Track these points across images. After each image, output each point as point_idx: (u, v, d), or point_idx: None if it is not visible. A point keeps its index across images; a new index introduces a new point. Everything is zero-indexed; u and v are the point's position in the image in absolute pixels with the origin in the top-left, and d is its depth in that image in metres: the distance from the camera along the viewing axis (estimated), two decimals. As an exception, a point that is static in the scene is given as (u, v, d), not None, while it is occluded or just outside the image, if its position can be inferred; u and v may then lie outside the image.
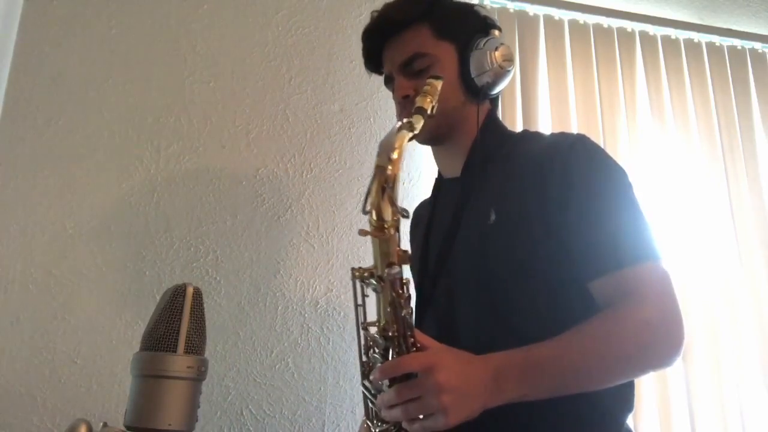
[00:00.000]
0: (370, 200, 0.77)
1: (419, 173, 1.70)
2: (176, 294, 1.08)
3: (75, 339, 1.41)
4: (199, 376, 1.07)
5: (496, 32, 1.07)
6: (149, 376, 1.03)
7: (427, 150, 1.68)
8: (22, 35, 1.56)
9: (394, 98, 1.10)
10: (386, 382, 0.84)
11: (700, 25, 2.06)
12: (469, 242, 0.99)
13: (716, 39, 2.07)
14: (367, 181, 1.68)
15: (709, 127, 1.95)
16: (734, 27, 2.10)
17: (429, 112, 0.85)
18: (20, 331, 1.39)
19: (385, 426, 0.90)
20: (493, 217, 0.96)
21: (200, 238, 1.53)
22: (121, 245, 1.49)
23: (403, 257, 0.82)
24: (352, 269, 0.89)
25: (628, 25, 2.00)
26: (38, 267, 1.43)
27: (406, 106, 1.03)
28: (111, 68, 1.59)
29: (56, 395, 1.37)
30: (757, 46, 2.11)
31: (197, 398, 1.08)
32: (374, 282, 0.85)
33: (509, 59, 1.04)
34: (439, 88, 0.88)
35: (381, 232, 0.78)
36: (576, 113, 1.84)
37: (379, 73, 1.15)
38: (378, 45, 1.11)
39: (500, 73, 1.03)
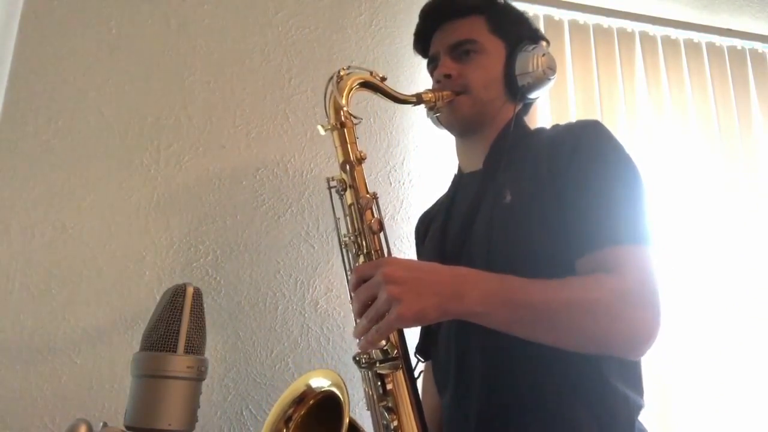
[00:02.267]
0: (327, 99, 0.99)
1: (419, 175, 1.70)
2: (176, 294, 1.08)
3: (75, 339, 1.41)
4: (199, 376, 1.07)
5: (544, 44, 1.13)
6: (149, 376, 1.04)
7: (427, 153, 1.70)
8: (22, 35, 1.56)
9: (433, 77, 1.13)
10: None
11: (700, 25, 2.06)
12: (485, 222, 1.01)
13: (716, 39, 2.07)
14: (367, 181, 1.68)
15: (709, 126, 1.95)
16: (734, 27, 2.10)
17: (431, 96, 1.04)
18: (20, 331, 1.39)
19: (359, 355, 0.91)
20: (508, 197, 0.99)
21: (200, 238, 1.53)
22: (121, 245, 1.49)
23: (360, 157, 0.98)
24: (327, 179, 1.03)
25: (628, 25, 1.99)
26: (38, 267, 1.43)
27: (444, 87, 1.08)
28: (111, 68, 1.59)
29: (56, 395, 1.37)
30: (757, 46, 2.11)
31: (197, 398, 1.08)
32: (338, 185, 0.98)
33: (553, 68, 1.09)
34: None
35: (336, 128, 0.98)
36: (576, 113, 1.84)
37: (424, 55, 1.19)
38: (432, 26, 1.15)
39: (541, 78, 1.08)
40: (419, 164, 1.71)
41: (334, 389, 0.93)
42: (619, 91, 1.90)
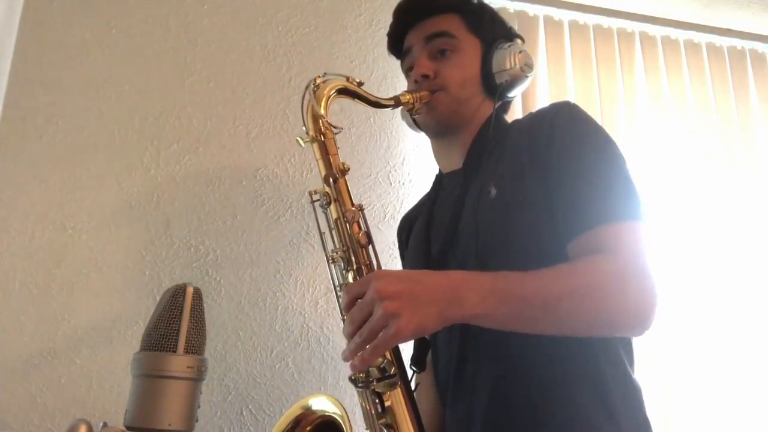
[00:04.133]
0: (304, 109, 0.98)
1: (419, 175, 1.70)
2: (176, 294, 1.08)
3: (75, 339, 1.41)
4: (199, 376, 1.07)
5: (519, 41, 1.11)
6: (149, 376, 1.04)
7: (427, 153, 1.68)
8: (22, 35, 1.56)
9: (409, 76, 1.12)
10: None
11: (700, 25, 2.06)
12: (472, 219, 0.99)
13: (716, 39, 2.07)
14: (366, 182, 1.69)
15: (708, 126, 1.95)
16: (734, 27, 2.10)
17: (409, 98, 1.03)
18: (20, 331, 1.39)
19: (355, 374, 0.88)
20: (493, 191, 0.97)
21: (200, 238, 1.53)
22: (121, 245, 1.49)
23: (343, 169, 0.95)
24: (309, 193, 1.00)
25: (628, 25, 2.00)
26: (38, 267, 1.43)
27: (421, 88, 1.06)
28: (111, 68, 1.59)
29: (56, 395, 1.37)
30: (757, 46, 2.11)
31: (197, 398, 1.08)
32: (323, 199, 0.95)
33: (529, 65, 1.07)
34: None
35: (317, 139, 0.97)
36: (576, 113, 1.83)
37: (398, 56, 1.18)
38: (407, 24, 1.13)
39: (519, 76, 1.06)
40: (419, 164, 1.70)
41: (337, 418, 0.90)
42: (619, 91, 1.90)
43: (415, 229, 1.19)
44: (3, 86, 1.51)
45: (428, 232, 1.10)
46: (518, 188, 0.95)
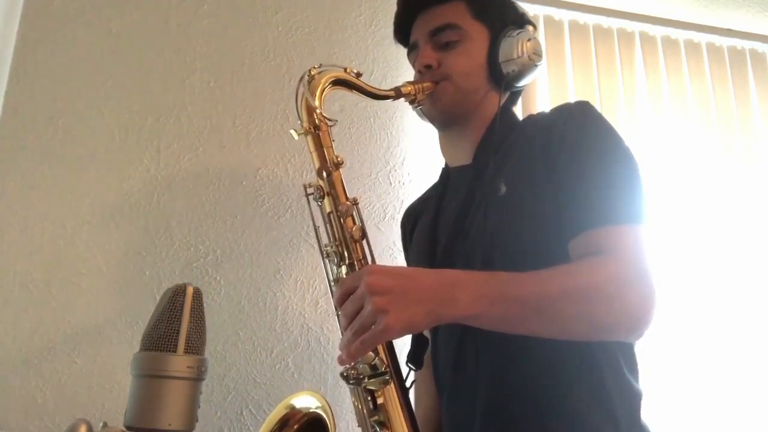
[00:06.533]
0: (298, 101, 0.95)
1: (419, 175, 1.70)
2: (176, 294, 1.08)
3: (75, 339, 1.41)
4: (199, 376, 1.07)
5: (531, 28, 1.08)
6: (149, 376, 1.03)
7: (428, 153, 1.69)
8: (22, 35, 1.56)
9: (415, 67, 1.10)
10: None
11: (700, 25, 2.06)
12: (481, 216, 0.98)
13: (716, 39, 2.07)
14: (366, 182, 1.69)
15: (708, 126, 1.95)
16: (734, 27, 2.10)
17: (411, 89, 1.00)
18: (20, 331, 1.39)
19: (347, 370, 0.87)
20: (503, 189, 0.96)
21: (200, 238, 1.53)
22: (121, 245, 1.49)
23: (337, 162, 0.95)
24: (304, 185, 0.99)
25: (628, 25, 1.99)
26: (38, 267, 1.43)
27: (424, 78, 1.04)
28: (111, 68, 1.59)
29: (56, 395, 1.37)
30: (757, 46, 2.11)
31: (197, 398, 1.08)
32: (316, 192, 0.94)
33: (539, 54, 1.04)
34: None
35: (311, 131, 0.95)
36: (576, 113, 1.83)
37: (405, 44, 1.15)
38: (412, 13, 1.11)
39: (527, 65, 1.03)
40: (419, 164, 1.70)
41: (320, 412, 0.90)
42: (619, 91, 1.90)
43: (421, 224, 1.17)
44: (3, 86, 1.51)
45: (435, 229, 1.09)
46: (528, 187, 0.94)
